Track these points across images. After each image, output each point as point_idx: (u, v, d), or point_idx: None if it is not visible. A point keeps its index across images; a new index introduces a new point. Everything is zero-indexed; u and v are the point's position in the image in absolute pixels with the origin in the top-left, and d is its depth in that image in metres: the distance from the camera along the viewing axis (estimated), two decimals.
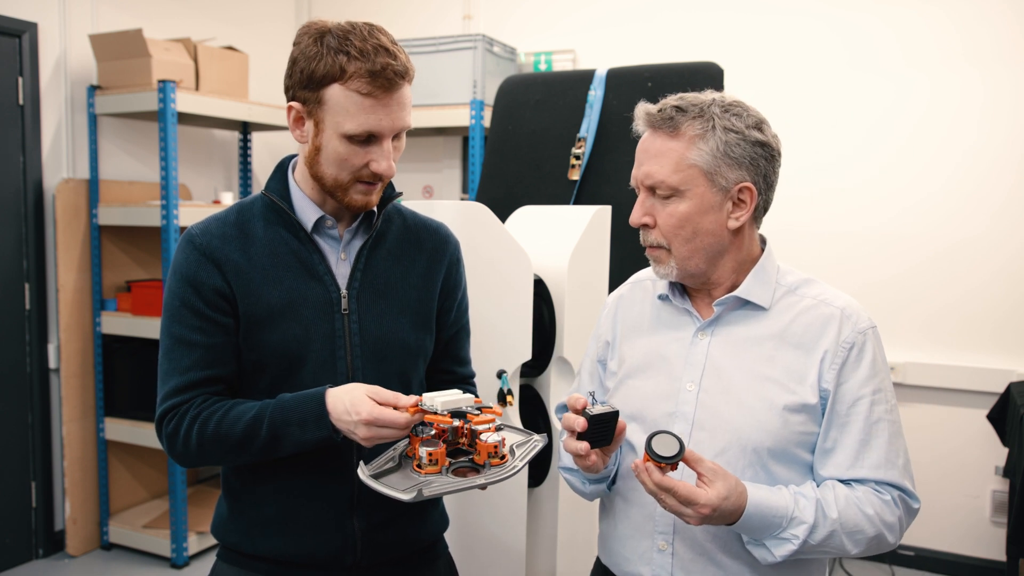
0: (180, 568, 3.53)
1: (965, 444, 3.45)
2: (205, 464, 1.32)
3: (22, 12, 3.38)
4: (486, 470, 1.21)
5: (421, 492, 1.13)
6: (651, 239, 1.28)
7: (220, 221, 1.34)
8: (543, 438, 1.31)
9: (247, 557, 1.37)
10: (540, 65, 4.07)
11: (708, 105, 1.24)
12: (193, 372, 1.29)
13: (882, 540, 1.20)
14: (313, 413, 1.22)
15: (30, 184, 3.43)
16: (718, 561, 1.25)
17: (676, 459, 1.11)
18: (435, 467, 1.21)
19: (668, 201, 1.25)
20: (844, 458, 1.21)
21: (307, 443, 1.24)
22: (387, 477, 1.21)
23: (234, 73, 3.80)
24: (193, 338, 1.29)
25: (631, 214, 1.29)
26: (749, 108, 1.26)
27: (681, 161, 1.22)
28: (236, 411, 1.26)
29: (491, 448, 1.22)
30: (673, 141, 1.23)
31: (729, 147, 1.22)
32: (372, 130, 1.24)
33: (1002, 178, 3.35)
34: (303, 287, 1.31)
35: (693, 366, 1.29)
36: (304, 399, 1.24)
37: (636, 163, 1.29)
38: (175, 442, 1.29)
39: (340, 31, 1.23)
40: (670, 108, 1.24)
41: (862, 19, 3.54)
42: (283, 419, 1.24)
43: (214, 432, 1.26)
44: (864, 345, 1.23)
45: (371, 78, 1.21)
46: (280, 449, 1.26)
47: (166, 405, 1.29)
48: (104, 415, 3.65)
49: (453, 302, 1.48)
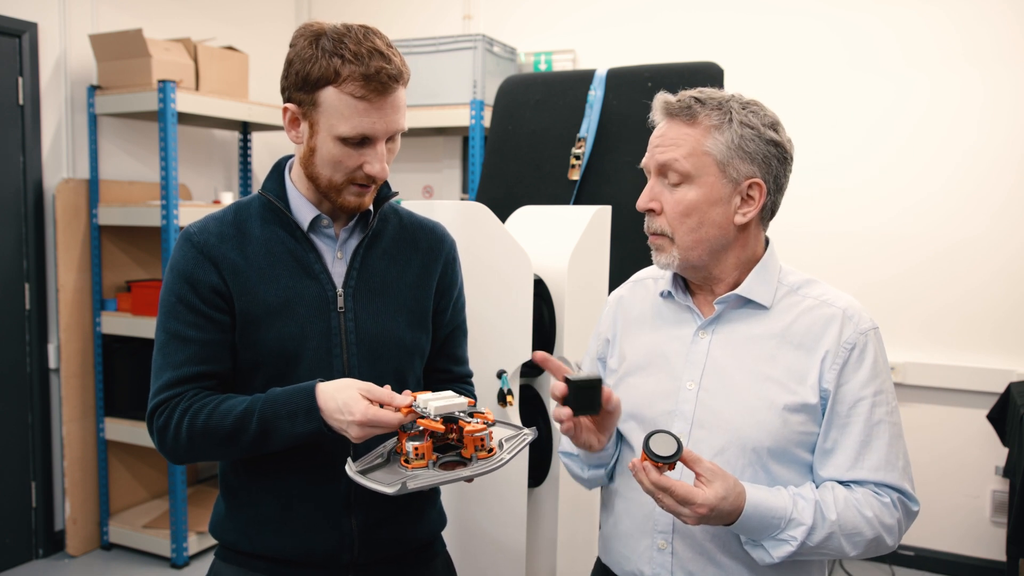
0: (180, 568, 3.53)
1: (965, 444, 3.45)
2: (196, 459, 1.31)
3: (22, 12, 3.38)
4: (473, 463, 1.21)
5: (405, 485, 1.13)
6: (656, 226, 1.28)
7: (218, 220, 1.35)
8: (533, 431, 1.31)
9: (245, 555, 1.37)
10: (540, 65, 4.08)
11: (727, 100, 1.25)
12: (187, 367, 1.29)
13: (880, 542, 1.20)
14: (303, 406, 1.22)
15: (30, 184, 3.43)
16: (717, 561, 1.25)
17: (674, 459, 1.11)
18: (422, 461, 1.21)
19: (677, 188, 1.25)
20: (844, 459, 1.21)
21: (298, 436, 1.23)
22: (374, 472, 1.21)
23: (234, 73, 3.80)
24: (188, 334, 1.29)
25: (638, 198, 1.29)
26: (766, 108, 1.27)
27: (696, 147, 1.23)
28: (226, 404, 1.26)
29: (478, 441, 1.22)
30: (690, 128, 1.24)
31: (744, 141, 1.22)
32: (366, 133, 1.25)
33: (1002, 178, 3.35)
34: (299, 286, 1.32)
35: (693, 365, 1.29)
36: (294, 392, 1.24)
37: (649, 150, 1.29)
38: (165, 436, 1.29)
39: (335, 33, 1.24)
40: (689, 98, 1.25)
41: (862, 19, 3.54)
42: (273, 412, 1.23)
43: (204, 425, 1.25)
44: (866, 346, 1.23)
45: (365, 81, 1.22)
46: (271, 443, 1.25)
47: (158, 399, 1.29)
48: (104, 415, 3.65)
49: (449, 301, 1.48)
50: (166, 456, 1.33)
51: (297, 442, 1.25)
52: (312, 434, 1.23)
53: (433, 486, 1.18)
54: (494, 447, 1.25)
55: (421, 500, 1.45)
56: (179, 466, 3.48)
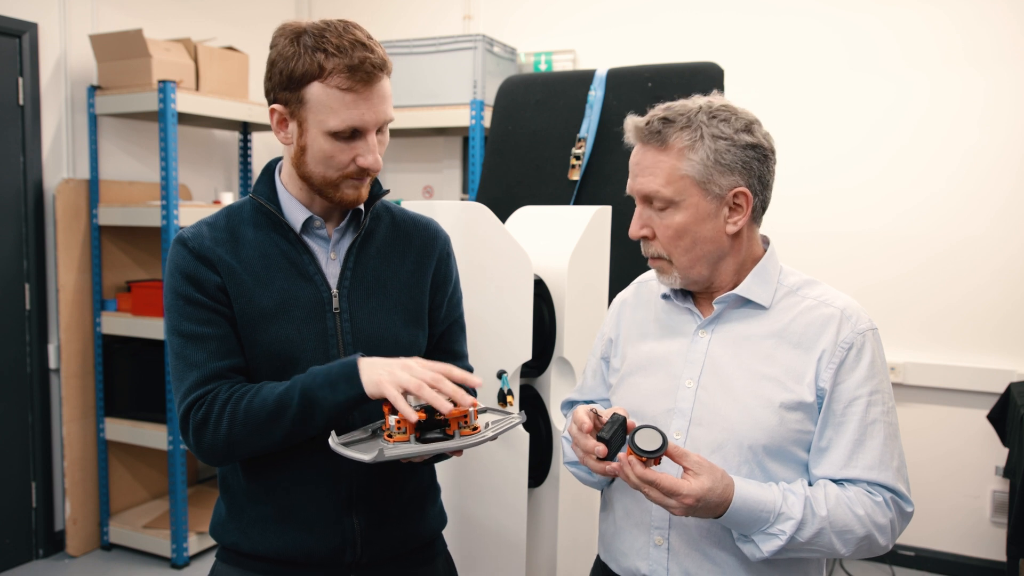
0: (180, 568, 3.53)
1: (965, 444, 3.45)
2: (235, 453, 1.27)
3: (22, 12, 3.38)
4: (456, 439, 1.22)
5: (382, 452, 1.13)
6: (652, 250, 1.29)
7: (210, 226, 1.35)
8: (522, 415, 1.31)
9: (246, 557, 1.37)
10: (540, 65, 4.08)
11: (695, 113, 1.23)
12: (211, 364, 1.27)
13: (873, 542, 1.20)
14: (344, 373, 1.21)
15: (30, 184, 3.44)
16: (713, 556, 1.25)
17: (658, 453, 1.12)
18: (404, 436, 1.21)
19: (664, 212, 1.25)
20: (838, 457, 1.22)
21: (340, 405, 1.21)
22: (356, 445, 1.21)
23: (234, 73, 3.80)
24: (204, 331, 1.28)
25: (630, 227, 1.30)
26: (737, 111, 1.26)
27: (673, 173, 1.23)
28: (267, 388, 1.25)
29: (460, 417, 1.22)
30: (662, 154, 1.24)
31: (719, 154, 1.22)
32: (356, 125, 1.25)
33: (1003, 178, 3.35)
34: (294, 288, 1.32)
35: (692, 363, 1.30)
36: (334, 364, 1.24)
37: (630, 175, 1.29)
38: (204, 431, 1.25)
39: (315, 30, 1.24)
40: (657, 121, 1.24)
41: (862, 19, 3.54)
42: (312, 383, 1.22)
43: (246, 410, 1.23)
44: (863, 346, 1.23)
45: (350, 73, 1.22)
46: (314, 417, 1.22)
47: (192, 397, 1.26)
48: (104, 415, 3.65)
49: (444, 296, 1.48)
50: (203, 456, 1.28)
51: (340, 414, 1.23)
52: (353, 402, 1.21)
53: (411, 456, 1.18)
54: (479, 426, 1.25)
55: (421, 497, 1.45)
56: (180, 467, 3.48)
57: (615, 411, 1.21)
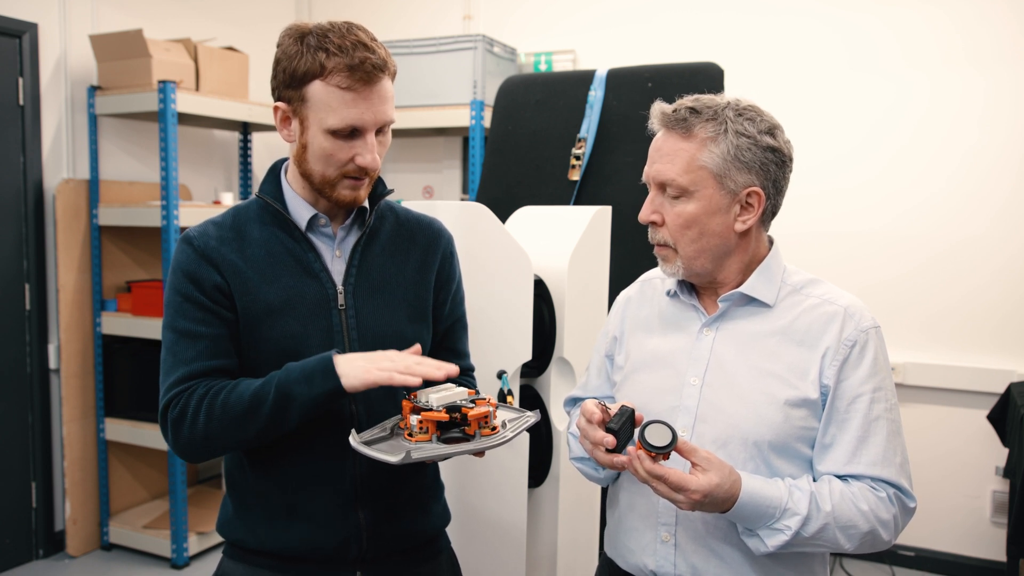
0: (180, 568, 3.53)
1: (965, 444, 3.45)
2: (212, 449, 1.28)
3: (22, 12, 3.38)
4: (477, 439, 1.22)
5: (409, 454, 1.14)
6: (659, 237, 1.31)
7: (217, 225, 1.36)
8: (536, 414, 1.32)
9: (253, 553, 1.37)
10: (540, 65, 4.08)
11: (722, 108, 1.25)
12: (199, 362, 1.28)
13: (876, 537, 1.21)
14: (319, 368, 1.22)
15: (30, 184, 3.43)
16: (719, 552, 1.26)
17: (668, 449, 1.13)
18: (425, 435, 1.21)
19: (677, 201, 1.27)
20: (841, 454, 1.23)
21: (316, 399, 1.22)
22: (378, 444, 1.21)
23: (234, 73, 3.80)
24: (197, 330, 1.29)
25: (640, 210, 1.31)
26: (763, 113, 1.28)
27: (692, 162, 1.24)
28: (244, 383, 1.26)
29: (481, 418, 1.22)
30: (685, 142, 1.25)
31: (740, 151, 1.23)
32: (354, 124, 1.26)
33: (1003, 178, 3.35)
34: (300, 285, 1.33)
35: (697, 361, 1.31)
36: (309, 360, 1.24)
37: (648, 160, 1.31)
38: (181, 426, 1.26)
39: (319, 30, 1.27)
40: (684, 109, 1.26)
41: (862, 19, 3.54)
42: (288, 378, 1.23)
43: (222, 405, 1.24)
44: (866, 344, 1.25)
45: (350, 72, 1.24)
46: (289, 413, 1.23)
47: (172, 393, 1.28)
48: (104, 415, 3.65)
49: (448, 294, 1.49)
50: (180, 452, 1.29)
51: (316, 410, 1.23)
52: (329, 396, 1.21)
53: (437, 458, 1.19)
54: (497, 426, 1.26)
55: (425, 493, 1.46)
56: (180, 467, 3.48)
57: (623, 404, 1.22)
